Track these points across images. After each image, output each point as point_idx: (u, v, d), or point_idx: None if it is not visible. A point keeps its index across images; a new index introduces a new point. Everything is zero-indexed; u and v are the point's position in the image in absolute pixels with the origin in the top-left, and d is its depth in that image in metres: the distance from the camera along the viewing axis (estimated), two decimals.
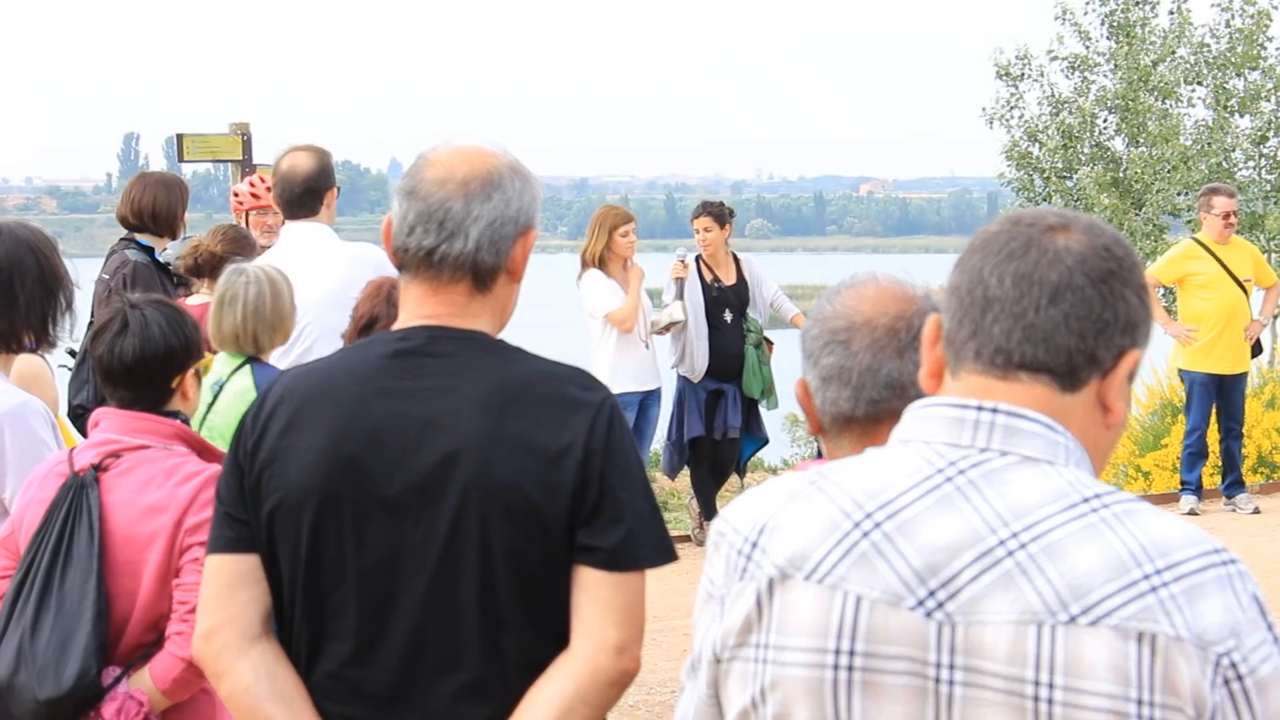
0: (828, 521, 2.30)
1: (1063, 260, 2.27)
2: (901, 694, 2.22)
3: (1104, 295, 2.27)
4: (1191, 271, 13.84)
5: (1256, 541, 13.07)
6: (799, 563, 2.29)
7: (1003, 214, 2.40)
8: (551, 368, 3.35)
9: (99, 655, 4.33)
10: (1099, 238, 2.30)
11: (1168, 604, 2.14)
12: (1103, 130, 33.48)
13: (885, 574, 2.23)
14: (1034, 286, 2.27)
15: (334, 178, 8.04)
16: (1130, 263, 2.31)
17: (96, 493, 4.46)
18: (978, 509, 2.22)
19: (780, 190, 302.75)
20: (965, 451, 2.27)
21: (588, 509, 3.24)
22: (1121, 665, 2.13)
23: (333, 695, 3.34)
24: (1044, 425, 2.26)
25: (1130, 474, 18.14)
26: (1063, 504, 2.20)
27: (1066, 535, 2.18)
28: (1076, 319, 2.27)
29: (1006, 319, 2.28)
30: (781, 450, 27.62)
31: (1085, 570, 2.15)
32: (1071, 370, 2.28)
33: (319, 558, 3.29)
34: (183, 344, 4.65)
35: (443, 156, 3.38)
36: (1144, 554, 2.16)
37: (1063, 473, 2.24)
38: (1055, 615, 2.15)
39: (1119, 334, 2.29)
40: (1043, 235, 2.29)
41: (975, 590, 2.18)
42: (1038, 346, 2.27)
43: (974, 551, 2.20)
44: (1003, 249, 2.30)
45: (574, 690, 3.23)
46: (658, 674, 9.46)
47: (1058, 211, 2.33)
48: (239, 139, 14.35)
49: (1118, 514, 2.21)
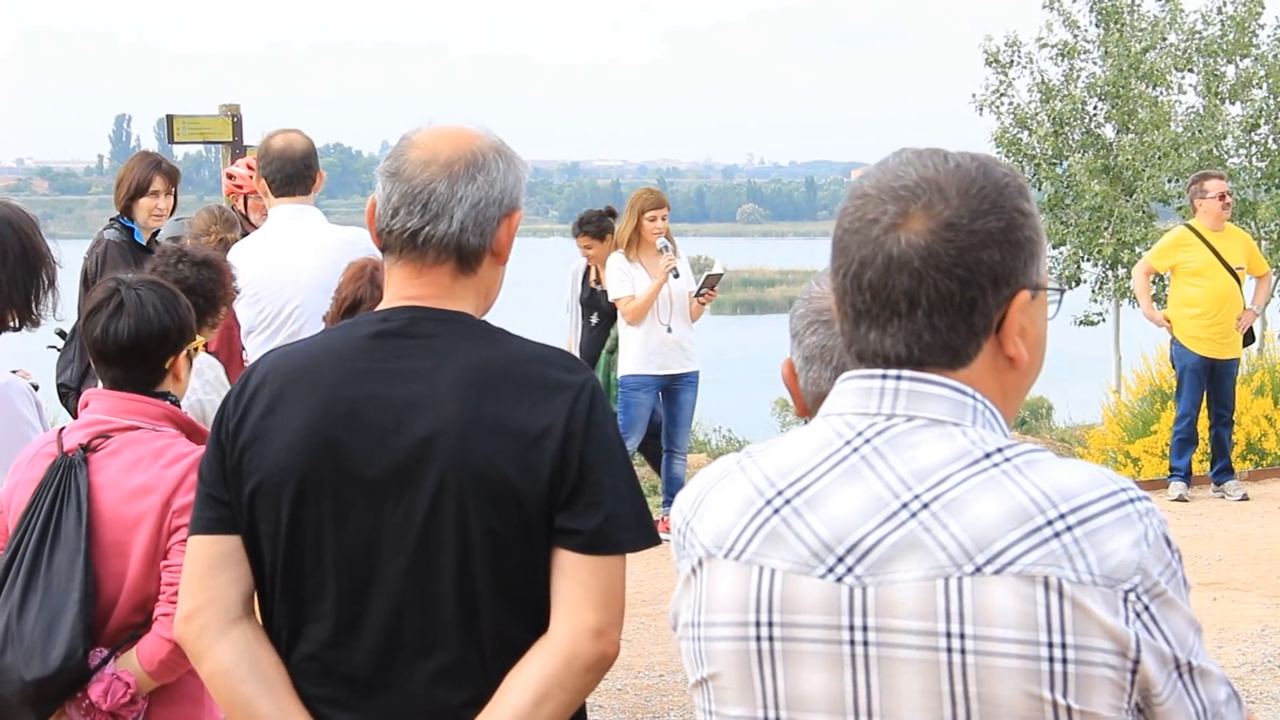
0: (743, 500, 2.35)
1: (910, 262, 2.27)
2: (820, 660, 2.26)
3: (961, 276, 2.26)
4: (1183, 259, 13.86)
5: (1245, 528, 13.10)
6: (720, 542, 2.35)
7: (853, 195, 2.37)
8: (534, 349, 3.35)
9: (86, 636, 4.33)
10: (939, 214, 2.27)
11: (1071, 548, 2.16)
12: (1093, 117, 33.51)
13: (795, 546, 2.27)
14: (889, 297, 2.29)
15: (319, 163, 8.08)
16: (983, 210, 2.28)
17: (85, 473, 4.46)
18: (881, 476, 2.26)
19: (771, 175, 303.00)
20: (872, 419, 2.30)
21: (567, 491, 3.23)
22: (1029, 611, 2.15)
23: (311, 677, 3.34)
24: (951, 388, 2.29)
25: (1120, 460, 18.17)
26: (964, 461, 2.23)
27: (967, 490, 2.20)
28: (939, 314, 2.28)
29: (877, 328, 2.31)
30: (770, 434, 27.62)
31: (987, 521, 2.18)
32: (955, 354, 2.30)
33: (299, 539, 3.29)
34: (177, 325, 4.65)
35: (426, 138, 3.38)
36: (1046, 500, 2.18)
37: (968, 433, 2.27)
38: (961, 567, 2.17)
39: (991, 295, 2.28)
40: (885, 235, 2.28)
41: (882, 552, 2.22)
42: (912, 348, 2.30)
43: (879, 517, 2.23)
44: (854, 255, 2.32)
45: (552, 674, 3.23)
46: (646, 658, 9.47)
47: (905, 187, 2.30)
48: (229, 120, 14.33)
49: (1018, 465, 2.23)
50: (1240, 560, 11.86)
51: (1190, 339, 13.85)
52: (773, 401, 34.81)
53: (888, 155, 2.39)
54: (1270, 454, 17.26)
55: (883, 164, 2.37)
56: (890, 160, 2.37)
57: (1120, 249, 32.02)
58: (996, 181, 2.32)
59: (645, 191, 12.84)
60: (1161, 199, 32.49)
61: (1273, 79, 32.39)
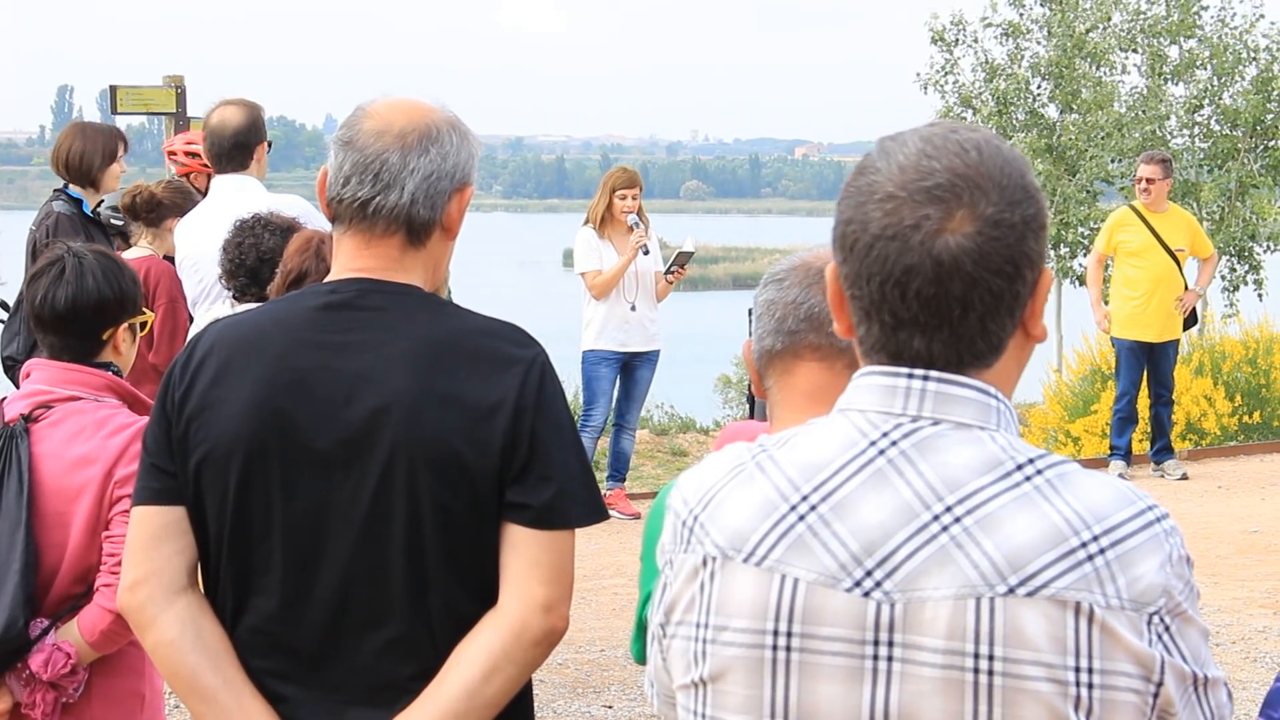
0: (765, 503, 2.29)
1: (962, 267, 2.20)
2: (839, 674, 2.22)
3: (1009, 273, 2.22)
4: (1123, 239, 13.93)
5: (1184, 507, 13.17)
6: (738, 544, 2.29)
7: (874, 196, 2.25)
8: (484, 323, 3.34)
9: (27, 606, 4.31)
10: (984, 212, 2.21)
11: (1102, 572, 2.15)
12: (1036, 97, 33.63)
13: (822, 556, 2.23)
14: (941, 305, 2.22)
15: (264, 132, 8.18)
16: (1018, 200, 2.23)
17: (27, 443, 4.44)
18: (910, 483, 2.21)
19: (715, 152, 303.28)
20: (898, 420, 2.25)
21: (517, 466, 3.23)
22: (1060, 635, 2.14)
23: (257, 650, 3.32)
24: (977, 390, 2.25)
25: (1060, 439, 18.27)
26: (997, 473, 2.20)
27: (1001, 506, 2.18)
28: (992, 317, 2.24)
29: (923, 335, 2.25)
30: (713, 411, 27.69)
31: (1022, 541, 2.16)
32: (998, 351, 2.27)
33: (246, 511, 3.27)
34: (116, 295, 4.62)
35: (381, 108, 3.37)
36: (1080, 521, 2.17)
37: (996, 438, 2.24)
38: (994, 587, 2.15)
39: (1029, 284, 2.25)
40: (931, 240, 2.20)
41: (912, 567, 2.18)
42: (963, 354, 2.25)
43: (909, 528, 2.19)
44: (895, 264, 2.22)
45: (500, 648, 3.22)
46: (587, 633, 9.49)
47: (940, 186, 2.21)
48: (173, 91, 14.25)
49: (1050, 480, 2.20)
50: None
51: (1127, 324, 13.92)
52: (715, 379, 34.86)
53: (887, 143, 2.30)
54: (1209, 434, 17.38)
55: (889, 155, 2.27)
56: (900, 153, 2.26)
57: (1063, 229, 32.14)
58: (1016, 162, 2.27)
59: (618, 170, 12.97)
60: (1105, 179, 32.61)
61: (1216, 60, 32.52)
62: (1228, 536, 12.15)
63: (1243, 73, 32.62)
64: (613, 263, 12.36)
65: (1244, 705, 8.21)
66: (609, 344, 12.48)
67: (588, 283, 12.42)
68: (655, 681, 2.57)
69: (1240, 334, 19.46)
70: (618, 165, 13.36)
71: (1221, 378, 17.93)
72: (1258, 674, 8.93)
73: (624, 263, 12.30)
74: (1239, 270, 32.13)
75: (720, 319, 32.68)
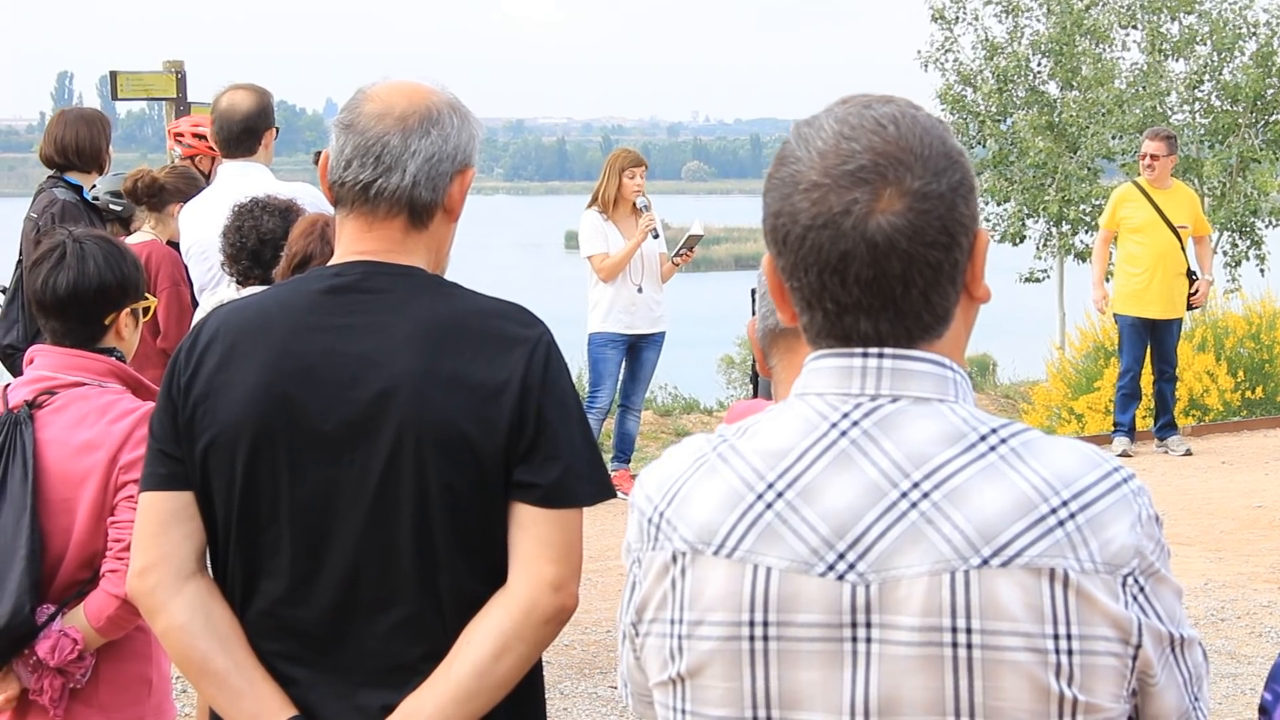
0: (730, 493, 2.27)
1: (897, 245, 2.18)
2: (818, 659, 2.21)
3: (944, 243, 2.20)
4: (1125, 214, 13.92)
5: (1187, 483, 13.19)
6: (707, 537, 2.27)
7: (798, 185, 2.23)
8: (489, 304, 3.34)
9: (33, 592, 4.32)
10: (910, 186, 2.19)
11: (1074, 536, 2.15)
12: (1037, 74, 33.59)
13: (793, 543, 2.21)
14: (882, 285, 2.20)
15: (273, 118, 8.16)
16: (942, 167, 2.20)
17: (31, 430, 4.44)
18: (876, 462, 2.20)
19: (716, 133, 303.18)
20: (856, 400, 2.24)
21: (524, 446, 3.23)
22: (1037, 604, 2.14)
23: (266, 633, 3.33)
24: (932, 363, 2.24)
25: (1063, 416, 18.27)
26: (961, 445, 2.20)
27: (968, 479, 2.17)
28: (935, 290, 2.22)
29: (868, 317, 2.23)
30: (717, 392, 27.69)
31: (992, 512, 2.15)
32: (945, 321, 2.26)
33: (253, 494, 3.28)
34: (118, 281, 4.62)
35: (382, 91, 3.37)
36: (1048, 487, 2.17)
37: (956, 410, 2.23)
38: (967, 560, 2.14)
39: (965, 249, 2.24)
40: (863, 223, 2.18)
41: (884, 546, 2.18)
42: (911, 330, 2.23)
43: (878, 508, 2.19)
44: (830, 251, 2.20)
45: (510, 627, 3.23)
46: (593, 614, 9.49)
47: (863, 168, 2.19)
48: (173, 77, 14.24)
49: (1015, 448, 2.20)
50: (1183, 515, 11.93)
51: (1130, 300, 13.92)
52: (718, 359, 34.84)
53: (803, 129, 2.27)
54: (1213, 409, 17.39)
55: (807, 142, 2.25)
56: (818, 138, 2.24)
57: (1065, 206, 32.12)
58: (935, 129, 2.24)
59: (623, 150, 12.94)
60: (1106, 155, 32.60)
61: (1216, 35, 32.49)
62: (1232, 512, 12.17)
63: (1243, 48, 32.62)
64: (618, 245, 12.33)
65: (1249, 680, 8.23)
66: (615, 326, 12.45)
67: (595, 266, 12.38)
68: (629, 680, 2.52)
69: (1243, 309, 19.47)
70: (620, 146, 13.33)
71: (1224, 353, 17.95)
72: (1262, 649, 8.94)
73: (633, 245, 12.27)
74: (1241, 246, 32.14)
75: (723, 300, 32.64)
